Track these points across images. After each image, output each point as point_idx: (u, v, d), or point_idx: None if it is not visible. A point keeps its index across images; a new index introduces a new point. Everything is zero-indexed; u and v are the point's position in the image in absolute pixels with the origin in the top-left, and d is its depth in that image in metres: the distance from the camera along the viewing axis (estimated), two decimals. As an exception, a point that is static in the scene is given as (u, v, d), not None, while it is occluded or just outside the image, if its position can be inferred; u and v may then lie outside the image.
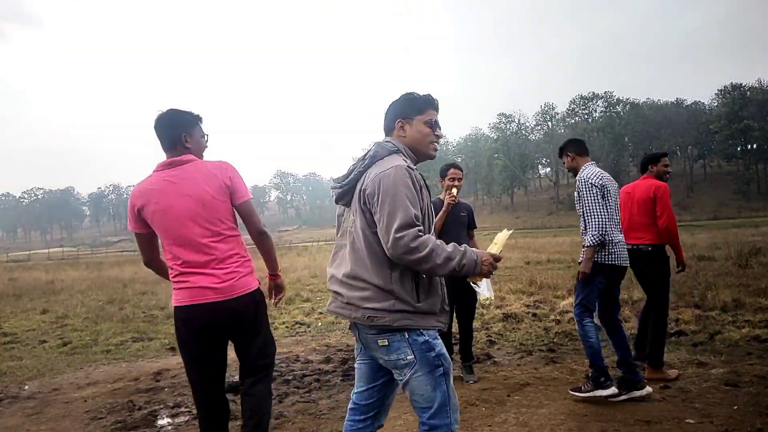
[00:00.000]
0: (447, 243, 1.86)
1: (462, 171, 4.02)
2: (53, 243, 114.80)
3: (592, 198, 3.19)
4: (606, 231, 3.16)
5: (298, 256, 23.01)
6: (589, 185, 3.21)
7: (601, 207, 3.18)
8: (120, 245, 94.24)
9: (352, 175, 1.81)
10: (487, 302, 4.01)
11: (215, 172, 2.19)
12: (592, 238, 3.16)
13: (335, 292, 1.82)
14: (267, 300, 2.52)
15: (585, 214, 3.24)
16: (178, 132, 2.26)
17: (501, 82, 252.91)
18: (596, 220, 3.16)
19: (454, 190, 3.83)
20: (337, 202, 1.89)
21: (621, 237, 3.33)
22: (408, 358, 1.70)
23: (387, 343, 1.72)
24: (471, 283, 2.46)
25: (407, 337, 1.71)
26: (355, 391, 1.95)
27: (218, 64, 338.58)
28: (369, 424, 1.92)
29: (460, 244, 1.87)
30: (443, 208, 3.83)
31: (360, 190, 1.76)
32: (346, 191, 1.83)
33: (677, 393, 3.29)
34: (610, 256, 3.25)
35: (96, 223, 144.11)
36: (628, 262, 3.36)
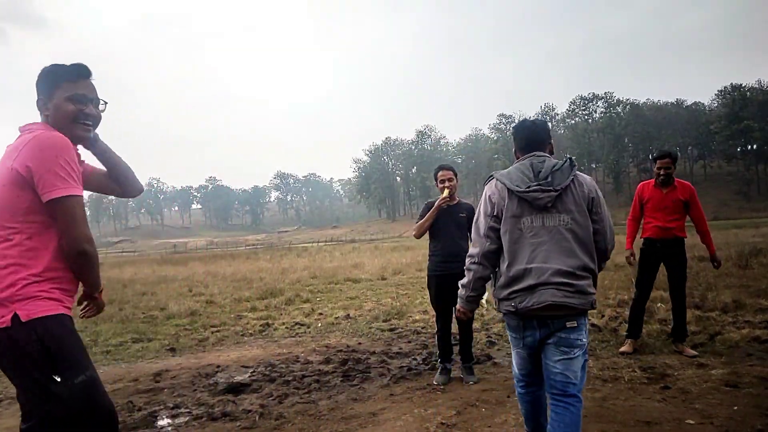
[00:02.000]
0: (442, 243, 2.29)
1: (453, 171, 4.02)
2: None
3: None
4: None
5: (298, 257, 23.01)
6: None
7: None
8: (120, 246, 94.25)
9: (564, 183, 2.09)
10: (484, 305, 4.02)
11: (10, 153, 1.67)
12: None
13: (562, 283, 2.04)
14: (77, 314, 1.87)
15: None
16: (38, 92, 1.81)
17: (501, 82, 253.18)
18: None
19: (446, 192, 3.85)
20: (546, 205, 2.10)
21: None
22: (584, 340, 2.10)
23: (576, 325, 2.07)
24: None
25: (586, 320, 2.13)
26: (522, 372, 2.29)
27: (216, 64, 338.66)
28: (539, 387, 2.28)
29: (457, 245, 2.27)
30: (433, 208, 3.86)
31: (583, 195, 2.12)
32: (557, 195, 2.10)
33: (677, 394, 3.29)
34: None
35: (96, 223, 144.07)
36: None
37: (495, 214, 2.17)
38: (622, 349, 4.36)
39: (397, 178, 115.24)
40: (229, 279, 13.55)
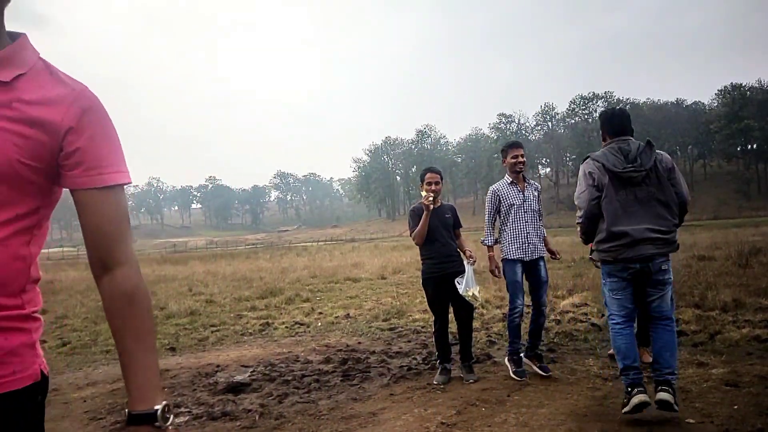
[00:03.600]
0: (438, 245, 3.62)
1: (440, 174, 4.06)
2: (53, 243, 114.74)
3: None
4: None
5: (298, 257, 23.00)
6: None
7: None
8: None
9: (650, 163, 2.78)
10: (478, 298, 4.03)
11: (55, 97, 0.90)
12: None
13: (655, 238, 2.74)
14: None
15: None
16: None
17: (501, 82, 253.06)
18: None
19: (431, 195, 3.87)
20: (638, 181, 2.77)
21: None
22: (671, 277, 2.89)
23: (667, 267, 2.84)
24: (456, 282, 2.96)
25: (670, 262, 2.88)
26: (621, 312, 2.90)
27: (217, 64, 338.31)
28: (632, 324, 2.96)
29: (449, 245, 3.61)
30: (425, 212, 3.86)
31: (664, 168, 2.81)
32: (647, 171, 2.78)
33: (678, 393, 3.28)
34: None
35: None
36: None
37: (596, 185, 2.82)
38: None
39: (397, 177, 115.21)
40: (229, 278, 13.55)
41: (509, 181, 4.01)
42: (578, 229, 3.02)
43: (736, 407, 2.97)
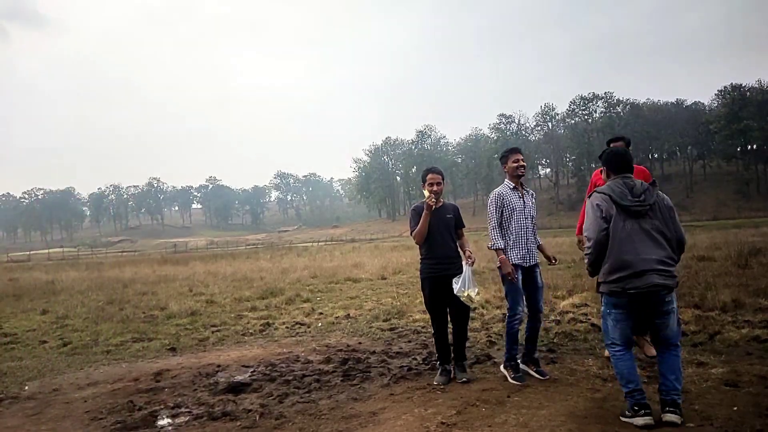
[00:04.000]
0: (436, 245, 3.72)
1: (441, 175, 4.05)
2: (53, 243, 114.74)
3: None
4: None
5: (298, 257, 23.00)
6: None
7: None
8: (120, 245, 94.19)
9: (653, 199, 2.94)
10: (477, 298, 4.01)
11: None
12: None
13: (661, 270, 2.85)
14: None
15: None
16: None
17: (501, 83, 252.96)
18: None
19: (434, 196, 3.86)
20: (643, 214, 2.92)
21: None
22: (675, 306, 2.95)
23: (671, 299, 2.91)
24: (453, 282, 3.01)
25: (675, 294, 2.96)
26: (622, 340, 2.99)
27: (217, 64, 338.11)
28: (631, 350, 3.04)
29: (448, 246, 3.79)
30: (425, 211, 3.86)
31: (665, 206, 2.98)
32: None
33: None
34: None
35: (96, 223, 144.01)
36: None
37: (604, 216, 2.93)
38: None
39: (397, 177, 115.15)
40: (230, 278, 13.54)
41: (511, 187, 4.01)
42: (586, 260, 3.07)
43: (735, 408, 2.97)
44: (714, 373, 3.62)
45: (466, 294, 3.80)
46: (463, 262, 3.93)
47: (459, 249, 4.07)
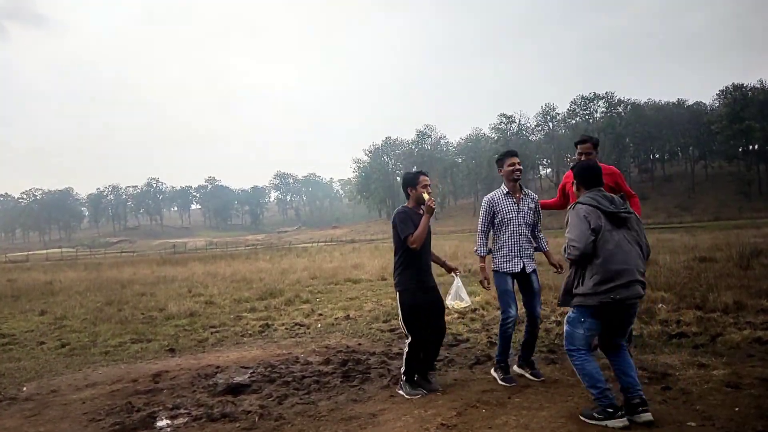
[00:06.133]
0: (424, 252, 3.82)
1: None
2: (52, 244, 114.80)
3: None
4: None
5: (298, 258, 22.99)
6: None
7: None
8: (119, 246, 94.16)
9: (629, 209, 3.04)
10: (467, 310, 4.04)
11: None
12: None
13: (641, 280, 2.96)
14: None
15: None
16: None
17: (502, 82, 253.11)
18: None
19: (427, 195, 3.78)
20: (628, 223, 3.02)
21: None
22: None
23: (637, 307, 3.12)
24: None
25: None
26: (587, 346, 3.07)
27: (216, 64, 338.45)
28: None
29: (430, 256, 3.92)
30: (426, 214, 3.74)
31: (637, 219, 3.09)
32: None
33: (678, 395, 3.29)
34: None
35: (95, 223, 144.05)
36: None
37: (593, 228, 2.93)
38: None
39: (397, 178, 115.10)
40: (229, 279, 13.55)
41: (505, 192, 3.94)
42: (567, 255, 3.06)
43: (737, 409, 2.97)
44: (715, 374, 3.62)
45: (458, 306, 3.83)
46: (454, 274, 3.96)
47: (435, 262, 4.03)
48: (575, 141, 4.22)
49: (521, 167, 3.99)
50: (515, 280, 3.93)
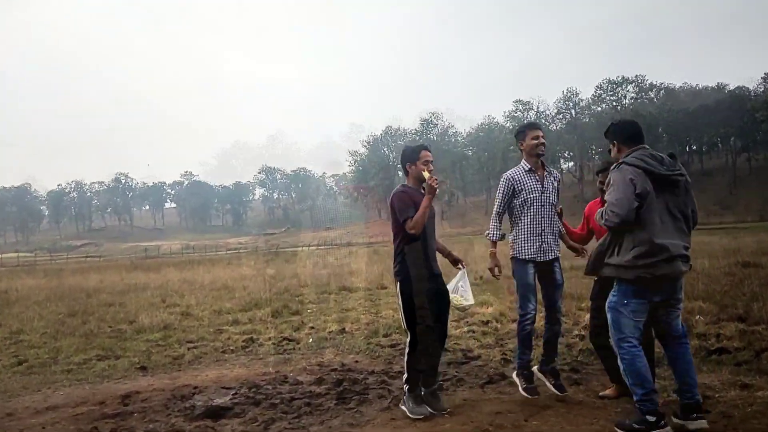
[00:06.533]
0: (428, 236, 3.90)
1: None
2: (6, 247, 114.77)
3: None
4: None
5: (287, 263, 23.01)
6: None
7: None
8: (83, 250, 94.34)
9: (683, 169, 3.01)
10: (467, 309, 4.09)
11: None
12: None
13: (684, 256, 2.99)
14: None
15: None
16: None
17: (518, 64, 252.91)
18: None
19: (427, 173, 3.74)
20: (678, 186, 3.02)
21: None
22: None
23: (682, 286, 3.13)
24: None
25: None
26: (635, 335, 3.05)
27: (195, 43, 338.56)
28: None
29: (434, 242, 3.94)
30: (428, 193, 3.68)
31: (688, 183, 3.04)
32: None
33: (718, 418, 3.29)
34: None
35: (56, 224, 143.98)
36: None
37: (639, 192, 2.90)
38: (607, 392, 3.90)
39: (399, 173, 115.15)
40: (208, 288, 13.56)
41: (527, 168, 3.92)
42: (605, 221, 3.01)
43: (784, 435, 2.98)
44: (760, 396, 3.62)
45: (457, 302, 3.85)
46: (461, 266, 3.98)
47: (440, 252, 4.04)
48: (596, 170, 4.22)
49: (545, 141, 3.97)
50: (536, 271, 3.89)
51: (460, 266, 4.03)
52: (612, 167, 3.19)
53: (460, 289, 3.88)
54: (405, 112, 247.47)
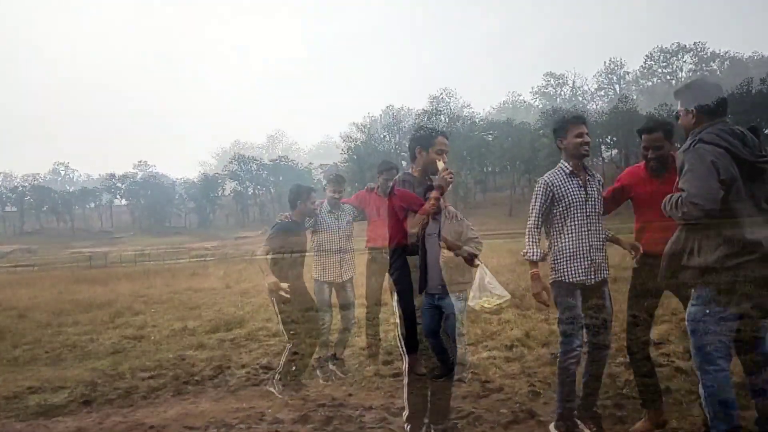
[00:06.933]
0: (428, 247, 3.96)
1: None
2: None
3: None
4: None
5: (263, 273, 22.97)
6: None
7: None
8: (13, 257, 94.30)
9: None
10: (503, 306, 4.09)
11: None
12: None
13: None
14: None
15: None
16: None
17: (549, 30, 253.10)
18: None
19: (442, 164, 3.78)
20: (762, 171, 2.98)
21: None
22: None
23: None
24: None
25: None
26: (724, 355, 2.97)
27: (156, 13, 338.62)
28: None
29: (438, 249, 3.98)
30: (438, 186, 3.75)
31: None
32: None
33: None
34: None
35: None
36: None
37: (723, 178, 2.88)
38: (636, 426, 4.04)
39: (403, 162, 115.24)
40: (167, 304, 13.57)
41: (568, 171, 3.91)
42: (682, 213, 2.97)
43: None
44: None
45: (488, 304, 3.85)
46: (478, 261, 4.01)
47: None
48: (638, 129, 4.18)
49: (590, 139, 3.97)
50: (583, 297, 3.89)
51: (477, 262, 4.01)
52: (681, 148, 3.16)
53: (489, 286, 3.86)
54: (411, 88, 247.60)
